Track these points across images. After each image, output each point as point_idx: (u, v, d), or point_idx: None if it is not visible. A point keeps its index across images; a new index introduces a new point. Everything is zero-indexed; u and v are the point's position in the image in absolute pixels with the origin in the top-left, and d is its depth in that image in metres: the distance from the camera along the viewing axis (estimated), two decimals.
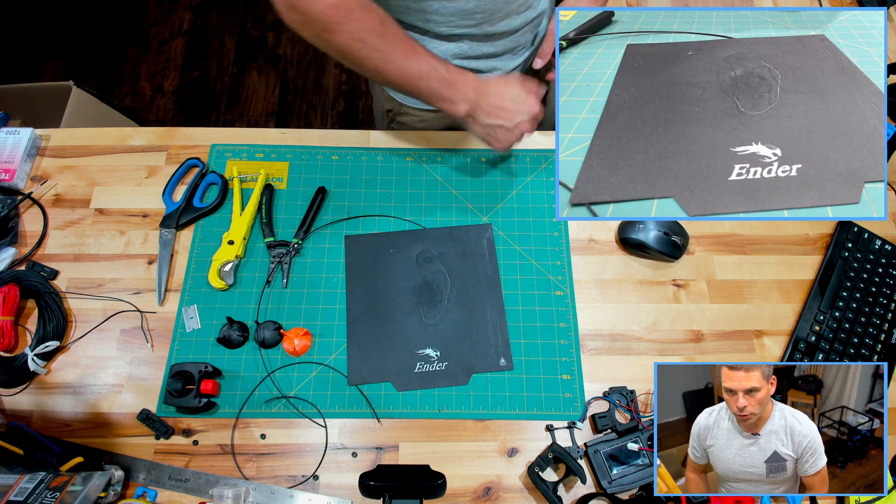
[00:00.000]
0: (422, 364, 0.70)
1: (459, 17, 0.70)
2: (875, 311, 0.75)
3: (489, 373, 0.70)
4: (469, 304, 0.73)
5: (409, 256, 0.76)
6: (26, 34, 1.99)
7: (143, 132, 0.85)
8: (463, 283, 0.75)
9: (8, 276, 0.71)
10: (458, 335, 0.72)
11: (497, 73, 0.81)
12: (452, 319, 0.73)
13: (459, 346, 0.71)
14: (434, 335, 0.72)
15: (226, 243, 0.75)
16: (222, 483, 0.64)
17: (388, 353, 0.71)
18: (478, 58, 0.77)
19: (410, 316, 0.73)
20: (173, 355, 0.70)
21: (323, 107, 1.88)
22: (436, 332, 0.72)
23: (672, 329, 0.74)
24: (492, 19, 0.72)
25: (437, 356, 0.70)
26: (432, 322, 0.72)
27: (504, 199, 0.81)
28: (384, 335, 0.72)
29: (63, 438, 0.66)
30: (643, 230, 0.75)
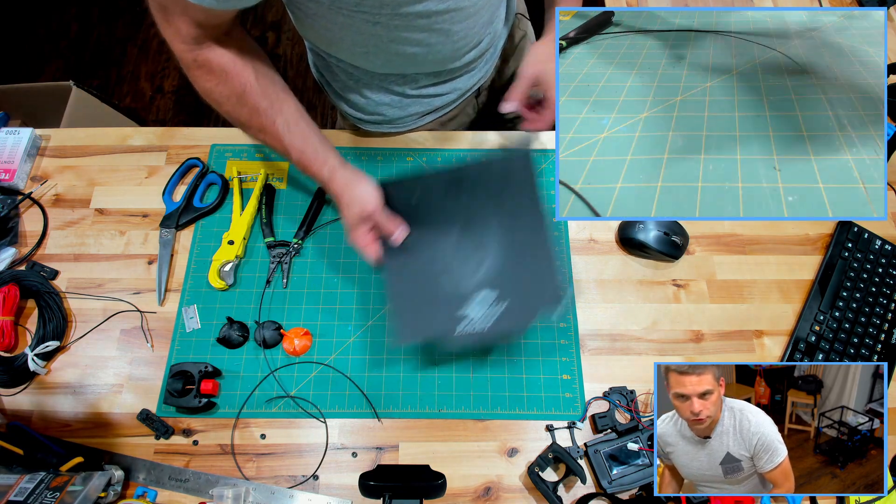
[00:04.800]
0: (477, 310, 0.62)
1: (409, 64, 0.70)
2: (875, 311, 0.75)
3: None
4: (518, 238, 0.65)
5: (447, 195, 0.67)
6: (26, 34, 1.99)
7: (143, 132, 0.85)
8: (510, 218, 0.66)
9: (8, 276, 0.71)
10: (512, 273, 0.63)
11: (456, 93, 0.80)
12: (503, 257, 0.64)
13: (516, 285, 0.63)
14: (486, 277, 0.63)
15: (226, 243, 0.75)
16: (222, 483, 0.64)
17: (438, 303, 0.63)
18: (435, 84, 0.77)
19: (457, 260, 0.65)
20: (173, 355, 0.70)
21: (323, 107, 1.88)
22: (487, 275, 0.63)
23: (672, 329, 0.74)
24: (443, 62, 0.71)
25: (495, 297, 0.62)
26: (481, 264, 0.64)
27: None
28: (430, 285, 0.64)
29: (63, 438, 0.66)
30: (643, 230, 0.75)
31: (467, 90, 0.82)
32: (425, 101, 0.79)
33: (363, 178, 0.64)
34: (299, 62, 1.96)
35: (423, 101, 0.79)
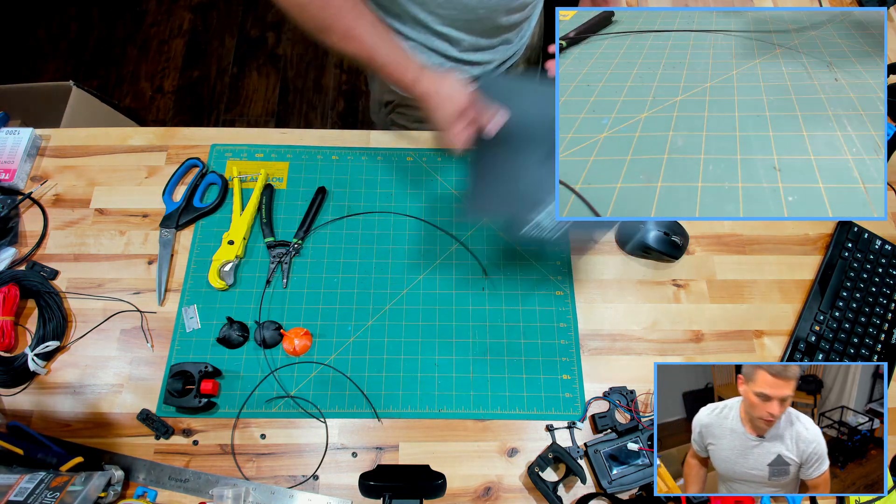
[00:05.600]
0: (547, 219, 0.61)
1: (461, 11, 0.70)
2: (875, 311, 0.75)
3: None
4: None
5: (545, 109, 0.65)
6: (26, 34, 1.99)
7: (143, 132, 0.85)
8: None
9: (8, 276, 0.71)
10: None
11: (492, 64, 0.82)
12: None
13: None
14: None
15: (226, 243, 0.75)
16: (222, 483, 0.64)
17: (514, 198, 0.63)
18: (476, 50, 0.77)
19: (540, 169, 0.63)
20: (173, 355, 0.70)
21: (323, 107, 1.88)
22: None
23: (672, 329, 0.74)
24: (494, 14, 0.72)
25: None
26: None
27: None
28: (510, 180, 0.64)
29: (63, 438, 0.66)
30: (643, 230, 0.75)
31: (502, 62, 0.84)
32: (465, 67, 0.80)
33: (450, 75, 0.64)
34: (299, 62, 1.96)
35: (462, 68, 0.80)
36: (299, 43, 1.99)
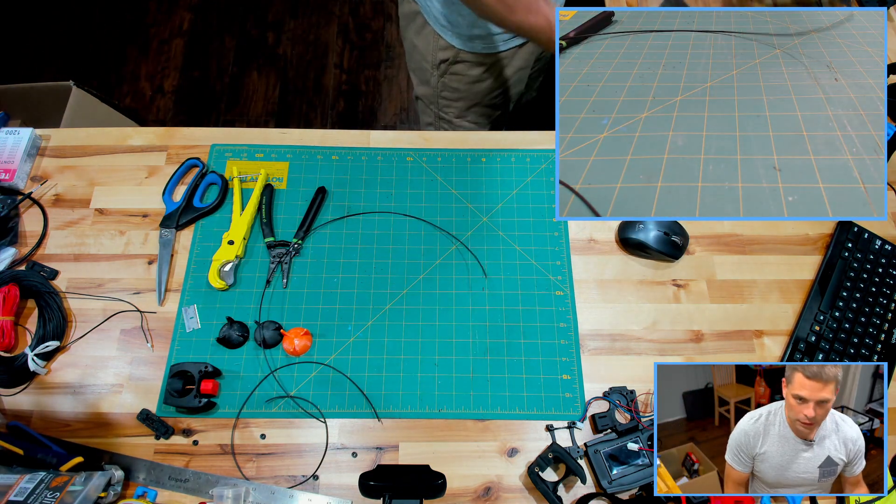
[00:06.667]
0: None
1: None
2: (875, 311, 0.75)
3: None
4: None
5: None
6: (26, 34, 1.99)
7: (143, 132, 0.85)
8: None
9: (8, 276, 0.71)
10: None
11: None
12: None
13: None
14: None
15: (226, 243, 0.75)
16: (222, 483, 0.64)
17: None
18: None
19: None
20: (173, 355, 0.70)
21: (323, 107, 1.89)
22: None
23: (672, 329, 0.74)
24: None
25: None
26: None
27: (504, 199, 0.81)
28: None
29: (63, 438, 0.66)
30: (643, 230, 0.75)
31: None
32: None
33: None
34: (299, 62, 1.96)
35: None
36: (299, 43, 1.99)
